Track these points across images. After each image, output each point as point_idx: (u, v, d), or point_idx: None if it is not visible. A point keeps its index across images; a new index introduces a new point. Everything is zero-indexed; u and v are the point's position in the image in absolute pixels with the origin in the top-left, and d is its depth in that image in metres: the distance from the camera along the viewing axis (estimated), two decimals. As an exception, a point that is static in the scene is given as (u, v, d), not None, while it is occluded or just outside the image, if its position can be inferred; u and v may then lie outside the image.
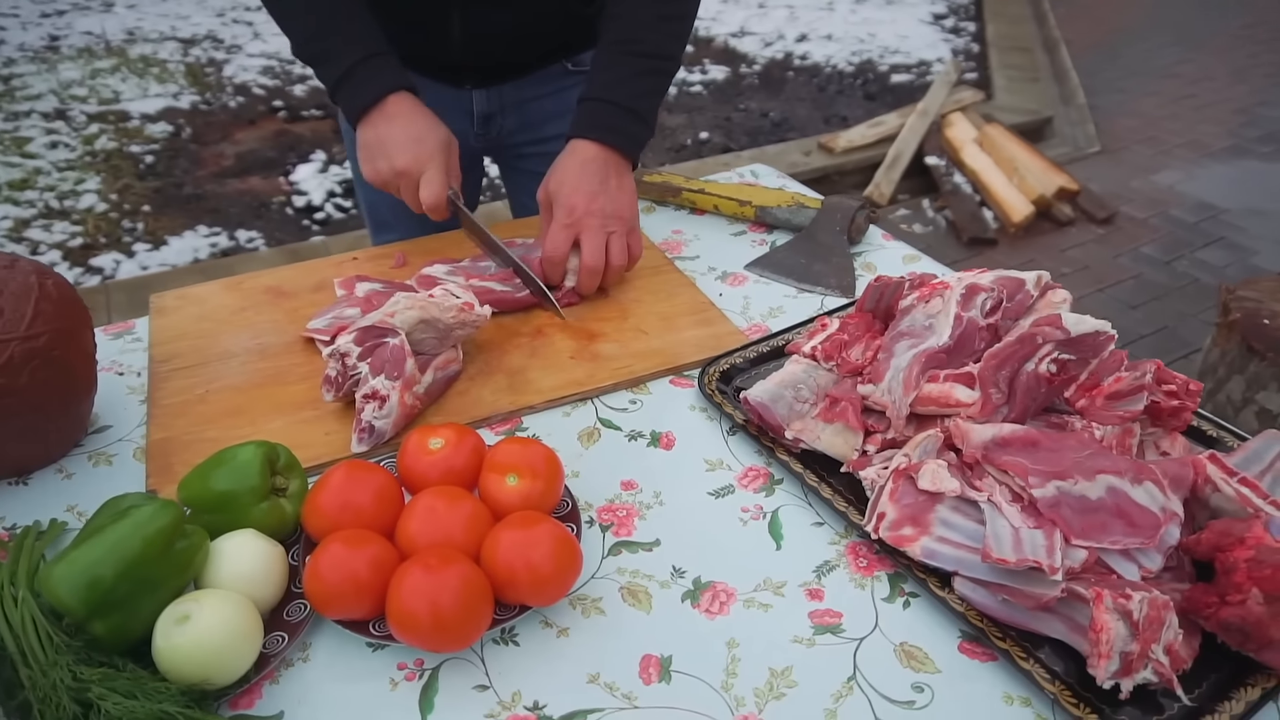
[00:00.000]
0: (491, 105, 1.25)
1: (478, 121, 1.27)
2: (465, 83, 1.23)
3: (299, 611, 0.67)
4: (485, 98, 1.24)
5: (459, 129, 1.24)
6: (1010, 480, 0.72)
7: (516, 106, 1.26)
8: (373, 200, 1.36)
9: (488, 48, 1.17)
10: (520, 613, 0.67)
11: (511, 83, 1.24)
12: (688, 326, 1.01)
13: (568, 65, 1.27)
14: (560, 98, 1.27)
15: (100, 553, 0.59)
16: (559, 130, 1.28)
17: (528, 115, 1.28)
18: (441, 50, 1.17)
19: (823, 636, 0.68)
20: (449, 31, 1.14)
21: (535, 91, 1.26)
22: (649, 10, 1.05)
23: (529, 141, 1.31)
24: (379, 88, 1.03)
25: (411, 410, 0.85)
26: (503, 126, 1.28)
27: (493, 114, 1.26)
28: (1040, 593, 0.65)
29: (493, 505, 0.72)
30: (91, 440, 0.86)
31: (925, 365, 0.81)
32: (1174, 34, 5.84)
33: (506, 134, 1.30)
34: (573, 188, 1.01)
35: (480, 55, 1.18)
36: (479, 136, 1.29)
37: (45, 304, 0.77)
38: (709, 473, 0.83)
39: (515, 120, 1.28)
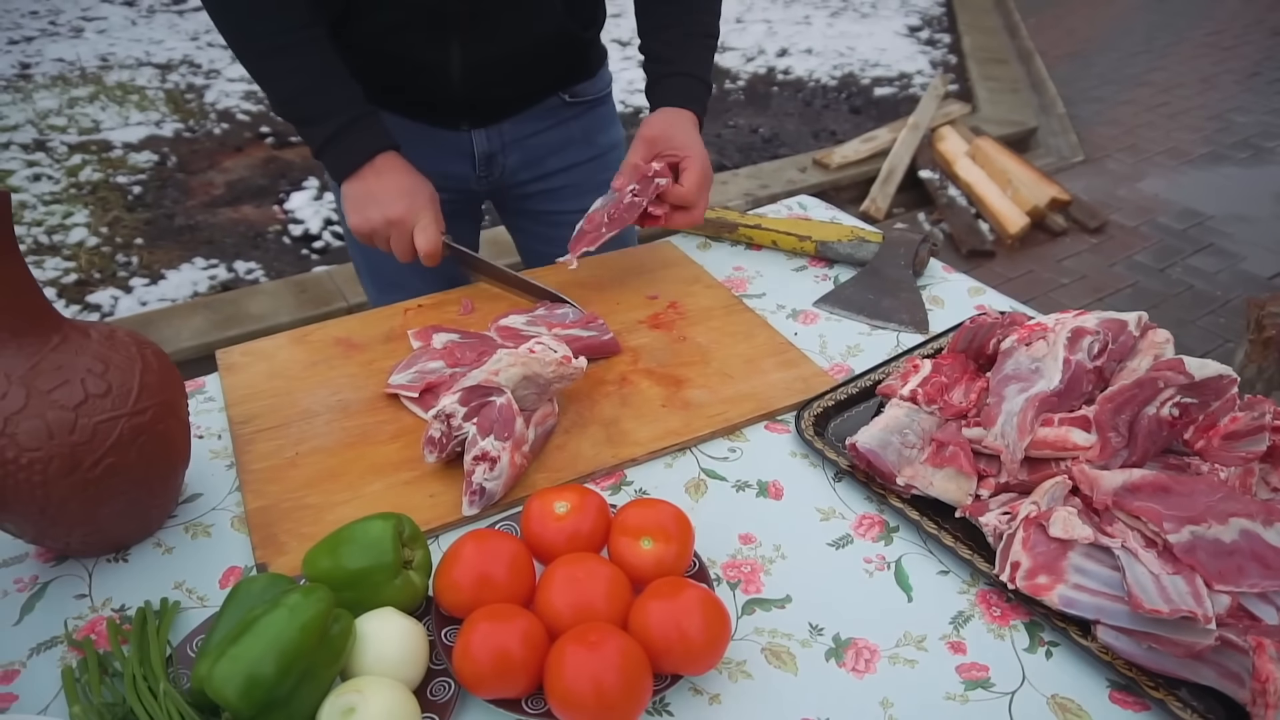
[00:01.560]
0: (492, 145, 1.24)
1: (479, 163, 1.25)
2: (463, 124, 1.22)
3: (443, 691, 0.65)
4: (485, 138, 1.23)
5: (460, 173, 1.26)
6: (1143, 526, 0.72)
7: (517, 144, 1.26)
8: (374, 263, 1.33)
9: (487, 80, 1.16)
10: (672, 682, 0.66)
11: (510, 120, 1.24)
12: (773, 369, 1.01)
13: (564, 97, 1.26)
14: (560, 130, 1.28)
15: (261, 647, 0.57)
16: (561, 164, 1.31)
17: (529, 151, 1.27)
18: (442, 87, 1.16)
19: (974, 692, 0.67)
20: (449, 68, 1.13)
21: (535, 127, 1.26)
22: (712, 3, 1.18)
23: (533, 179, 1.30)
24: (368, 149, 1.05)
25: (520, 469, 0.83)
26: (505, 166, 1.27)
27: (494, 153, 1.25)
28: (1193, 641, 0.66)
29: (627, 570, 0.71)
30: (184, 510, 0.84)
31: (1039, 409, 0.81)
32: (1142, 42, 5.98)
33: (509, 173, 1.29)
34: (700, 145, 1.11)
35: (480, 89, 1.17)
36: (481, 179, 1.28)
37: (149, 376, 0.74)
38: (824, 522, 0.82)
39: (517, 158, 1.27)
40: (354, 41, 1.11)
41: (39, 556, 0.78)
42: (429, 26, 1.08)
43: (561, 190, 1.31)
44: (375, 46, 1.12)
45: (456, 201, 1.27)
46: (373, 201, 1.04)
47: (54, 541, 0.75)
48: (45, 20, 5.64)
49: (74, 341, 0.71)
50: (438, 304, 1.13)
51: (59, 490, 0.69)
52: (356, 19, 1.09)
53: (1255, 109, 4.80)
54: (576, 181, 1.30)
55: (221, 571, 0.77)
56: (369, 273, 1.37)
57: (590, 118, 1.30)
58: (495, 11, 1.09)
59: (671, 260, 1.22)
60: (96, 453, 0.69)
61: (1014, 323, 0.91)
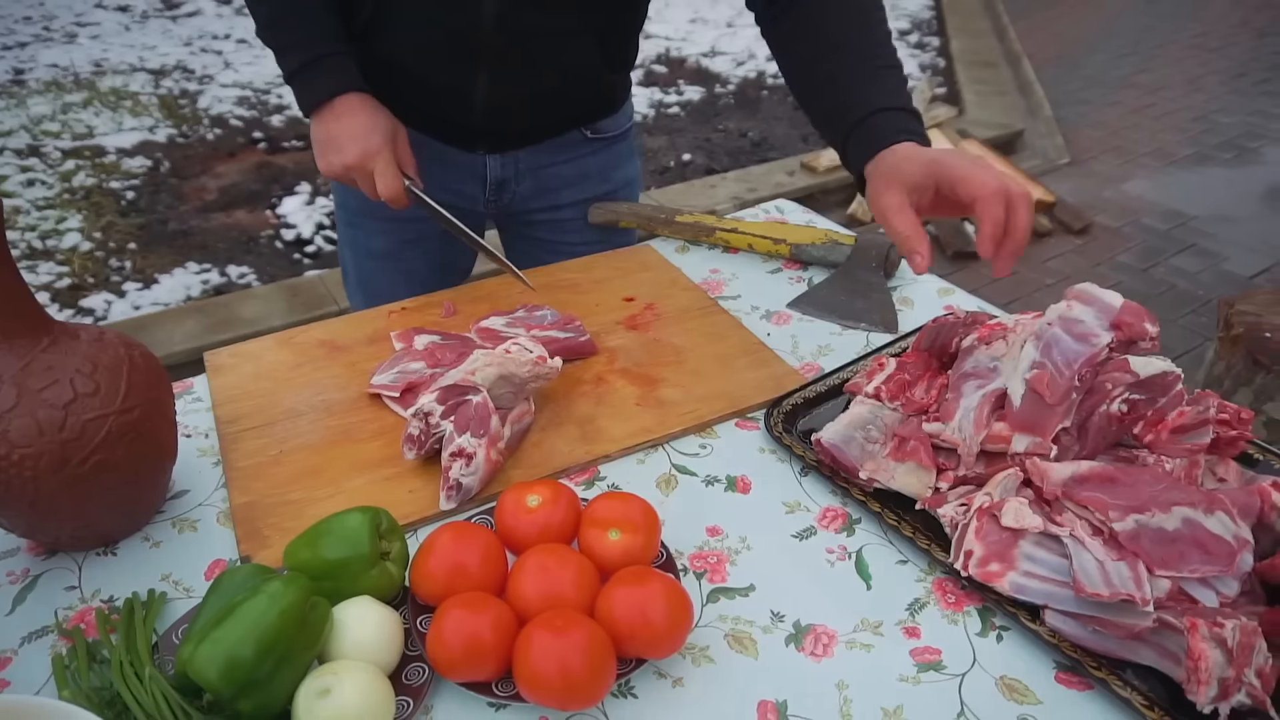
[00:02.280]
0: (506, 171, 1.24)
1: (490, 188, 1.25)
2: (479, 148, 1.21)
3: (417, 675, 0.68)
4: (500, 164, 1.23)
5: (470, 194, 1.25)
6: (1090, 515, 0.76)
7: (531, 173, 1.25)
8: (366, 273, 1.35)
9: (510, 112, 1.17)
10: (636, 666, 0.69)
11: (527, 149, 1.23)
12: (745, 368, 1.04)
13: (585, 133, 1.26)
14: (577, 164, 1.27)
15: (241, 631, 0.60)
16: (573, 197, 1.29)
17: (542, 181, 1.27)
18: (462, 114, 1.15)
19: (927, 674, 0.70)
20: (472, 96, 1.13)
21: (551, 158, 1.25)
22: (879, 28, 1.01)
23: (542, 208, 1.30)
24: (329, 88, 1.05)
25: (496, 466, 0.86)
26: (516, 193, 1.27)
27: (506, 180, 1.25)
28: (1133, 623, 0.69)
29: (596, 560, 0.74)
30: (172, 506, 0.86)
31: (994, 405, 0.84)
32: (1129, 44, 6.04)
33: (519, 200, 1.28)
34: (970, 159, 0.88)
35: (500, 120, 1.17)
36: (490, 203, 1.28)
37: (136, 376, 0.77)
38: (789, 515, 0.85)
39: (530, 187, 1.27)
40: (380, 53, 1.11)
41: (30, 550, 0.81)
42: (458, 53, 1.08)
43: (569, 222, 1.31)
44: (401, 63, 1.11)
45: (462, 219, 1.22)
46: (333, 146, 1.05)
47: (45, 536, 0.77)
48: (39, 26, 5.67)
49: (63, 343, 0.74)
50: (421, 307, 1.16)
51: (49, 486, 0.71)
52: (385, 33, 1.09)
53: (1240, 110, 4.85)
54: (582, 215, 1.30)
55: (207, 564, 0.80)
56: (358, 283, 1.39)
57: (608, 154, 1.30)
58: (529, 48, 1.08)
59: (650, 263, 1.26)
60: (85, 449, 0.72)
61: (975, 322, 0.95)
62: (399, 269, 1.32)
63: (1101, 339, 0.81)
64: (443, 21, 1.05)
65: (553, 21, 1.06)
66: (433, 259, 1.32)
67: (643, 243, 1.33)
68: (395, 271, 1.33)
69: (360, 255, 1.35)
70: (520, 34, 1.06)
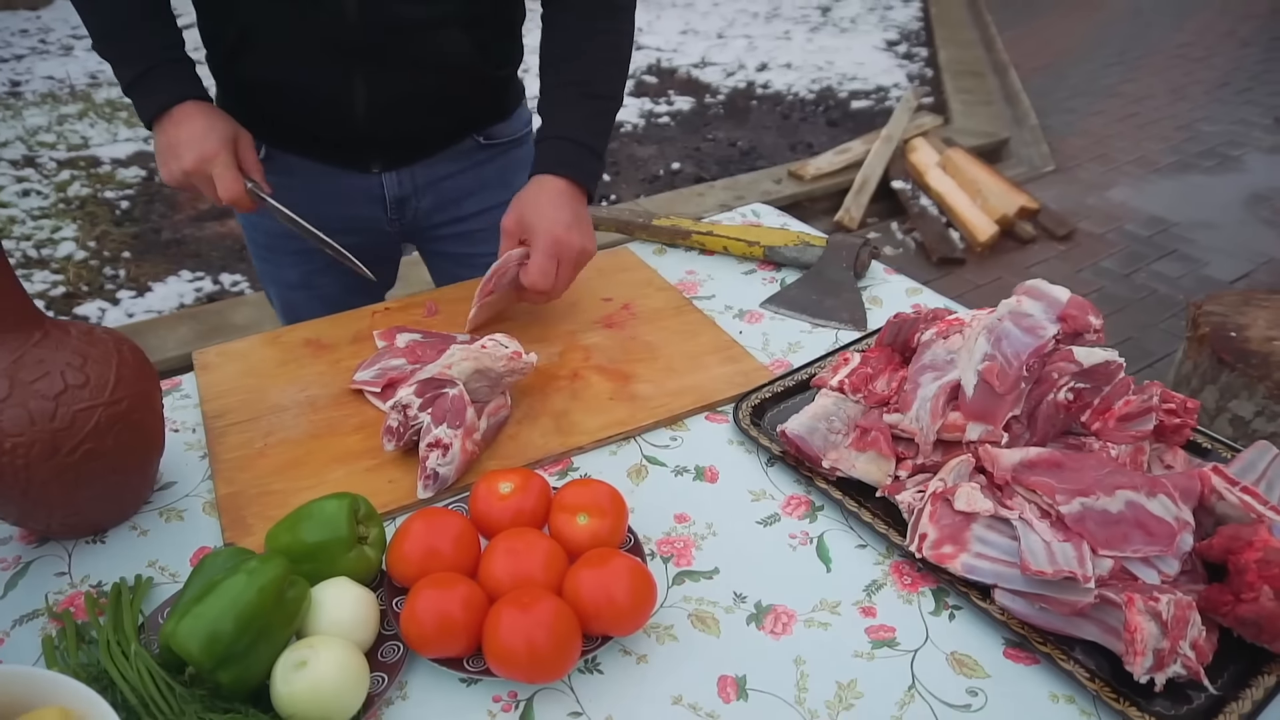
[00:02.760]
0: (404, 188, 1.24)
1: (391, 207, 1.25)
2: (373, 166, 1.21)
3: (393, 653, 0.71)
4: (396, 181, 1.22)
5: (372, 216, 1.25)
6: (1038, 499, 0.79)
7: (430, 186, 1.25)
8: (286, 300, 1.37)
9: (393, 118, 1.15)
10: (602, 643, 0.72)
11: (422, 163, 1.23)
12: (715, 364, 1.07)
13: (479, 139, 1.25)
14: (475, 173, 1.27)
15: (221, 607, 0.63)
16: (476, 206, 1.28)
17: (443, 194, 1.27)
18: (345, 123, 1.14)
19: (880, 650, 0.74)
20: (351, 101, 1.11)
21: (448, 169, 1.25)
22: (599, 55, 1.12)
23: (447, 221, 1.30)
24: (167, 96, 1.04)
25: (471, 456, 0.89)
26: (418, 209, 1.27)
27: (406, 197, 1.25)
28: (1075, 600, 0.72)
29: (565, 543, 0.77)
30: (159, 497, 0.89)
31: (949, 396, 0.88)
32: (1115, 54, 6.11)
33: (423, 216, 1.28)
34: (552, 220, 1.03)
35: (385, 127, 1.16)
36: (393, 221, 1.27)
37: (125, 369, 0.80)
38: (754, 503, 0.89)
39: (430, 200, 1.26)
40: (253, 76, 1.11)
41: (22, 539, 0.84)
42: (327, 56, 1.07)
43: (478, 233, 1.30)
44: (275, 80, 1.11)
45: (371, 243, 1.27)
46: (172, 153, 1.04)
47: (36, 523, 0.80)
48: (35, 39, 5.72)
49: (55, 337, 0.77)
50: (403, 307, 1.19)
51: (40, 474, 0.74)
52: (253, 51, 1.08)
53: (1223, 119, 4.91)
54: (492, 225, 1.25)
55: (192, 551, 0.83)
56: (279, 305, 1.41)
57: (506, 160, 1.29)
58: (398, 41, 1.07)
59: (627, 265, 1.29)
60: (75, 439, 0.75)
61: (935, 317, 0.98)
62: (313, 295, 1.34)
63: (1048, 331, 0.85)
64: (309, 31, 1.04)
65: (416, 10, 1.05)
66: (346, 282, 1.30)
67: (621, 245, 1.36)
68: (311, 299, 1.35)
69: (278, 285, 1.37)
70: (386, 26, 1.05)
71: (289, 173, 1.18)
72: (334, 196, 1.21)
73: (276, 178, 1.13)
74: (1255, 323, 1.62)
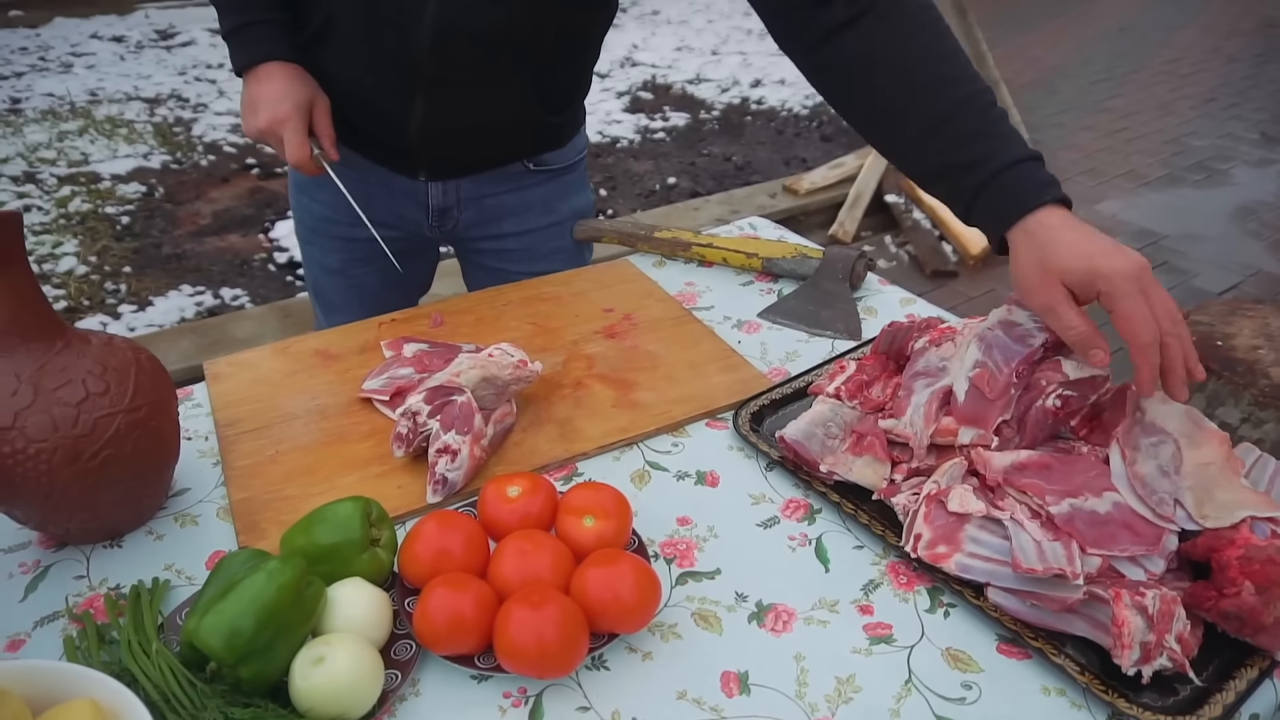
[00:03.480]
0: (448, 199, 1.26)
1: (433, 214, 1.28)
2: (420, 174, 1.23)
3: (405, 651, 0.74)
4: (441, 191, 1.25)
5: (414, 219, 1.28)
6: (1029, 500, 0.82)
7: (474, 201, 1.27)
8: (321, 285, 1.41)
9: (445, 142, 1.18)
10: (609, 640, 0.74)
11: (469, 178, 1.25)
12: (715, 373, 1.10)
13: (528, 165, 1.27)
14: (519, 195, 1.29)
15: (242, 604, 0.65)
16: (517, 227, 1.30)
17: (485, 211, 1.29)
18: (398, 135, 1.17)
19: (878, 646, 0.76)
20: (408, 120, 1.14)
21: (493, 188, 1.27)
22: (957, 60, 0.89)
23: (486, 237, 1.32)
24: (256, 53, 1.10)
25: (479, 462, 0.92)
26: (459, 220, 1.29)
27: (449, 207, 1.27)
28: (1064, 596, 0.75)
29: (572, 545, 0.79)
30: (174, 503, 0.92)
31: (941, 401, 0.91)
32: (1103, 71, 6.20)
33: (464, 228, 1.31)
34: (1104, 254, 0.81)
35: (435, 147, 1.19)
36: (434, 228, 1.30)
37: (143, 377, 0.83)
38: (754, 506, 0.91)
39: (472, 215, 1.29)
40: (324, 68, 1.15)
41: (41, 543, 0.86)
42: (395, 76, 1.10)
43: (515, 252, 1.33)
44: (342, 80, 1.14)
45: (410, 242, 1.31)
46: (250, 109, 1.10)
47: (55, 528, 0.83)
48: (35, 56, 5.75)
49: (76, 346, 0.80)
50: (409, 318, 1.22)
51: (62, 479, 0.77)
52: (330, 48, 1.12)
53: (1210, 133, 4.99)
54: (531, 246, 1.32)
55: (207, 555, 0.85)
56: (315, 296, 1.45)
57: (554, 185, 1.31)
58: (464, 80, 1.10)
59: (627, 277, 1.32)
60: (96, 445, 0.77)
61: (928, 326, 1.01)
62: (350, 284, 1.38)
63: (1037, 339, 0.88)
64: (383, 43, 1.07)
65: (488, 59, 1.09)
66: (385, 276, 1.35)
67: (622, 258, 1.39)
68: (347, 286, 1.39)
69: (316, 269, 1.41)
70: (455, 66, 1.08)
71: (343, 161, 1.21)
72: (381, 193, 1.24)
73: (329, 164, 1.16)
74: (1241, 332, 1.66)
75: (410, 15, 1.03)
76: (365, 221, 1.16)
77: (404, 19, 1.04)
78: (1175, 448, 0.83)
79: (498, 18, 1.04)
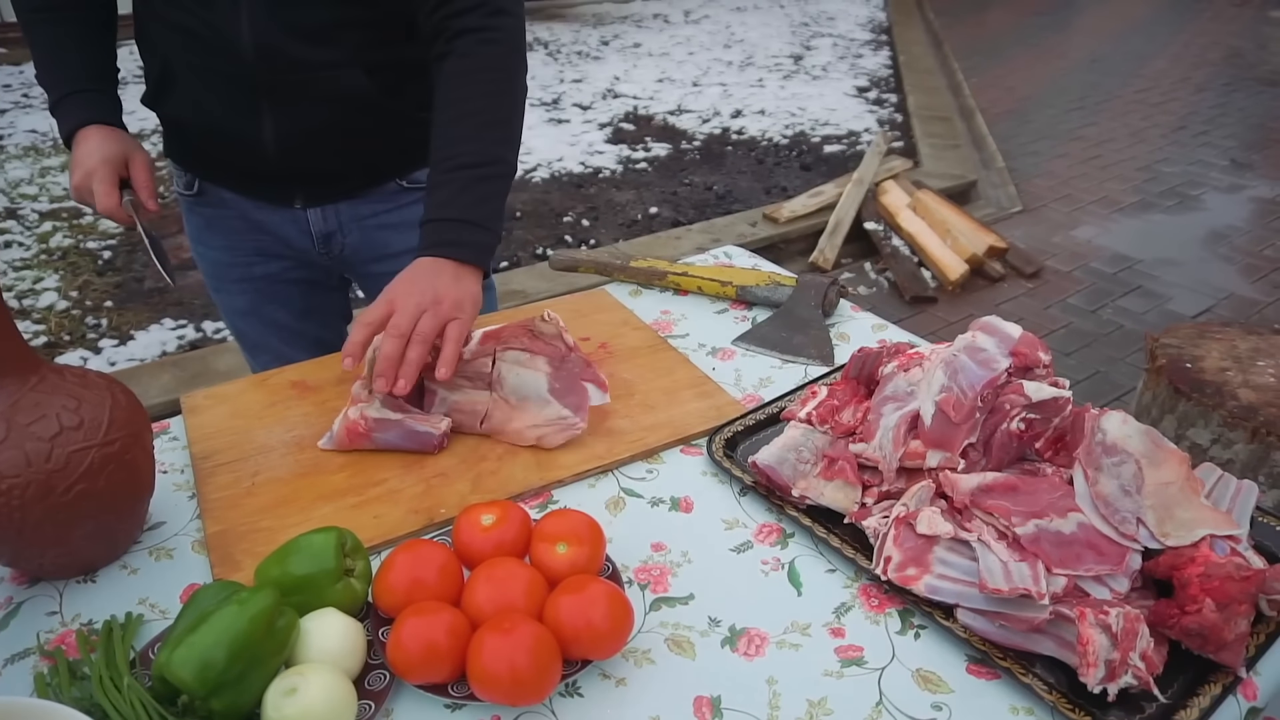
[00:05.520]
0: (329, 224, 1.28)
1: (318, 241, 1.29)
2: (295, 201, 1.25)
3: (379, 681, 0.74)
4: (321, 217, 1.27)
5: (302, 247, 1.30)
6: (995, 521, 0.83)
7: (355, 224, 1.29)
8: (239, 328, 1.44)
9: (304, 154, 1.19)
10: (582, 667, 0.75)
11: (346, 201, 1.27)
12: (690, 399, 1.11)
13: (401, 183, 1.28)
14: (400, 213, 1.30)
15: (213, 636, 0.65)
16: (405, 245, 1.27)
17: (369, 233, 1.30)
18: (259, 158, 1.18)
19: (849, 669, 0.77)
20: (261, 136, 1.16)
21: (372, 209, 1.28)
22: (466, 123, 1.07)
23: (375, 259, 1.33)
24: (74, 121, 1.16)
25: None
26: (345, 245, 1.31)
27: (331, 233, 1.29)
28: (1031, 616, 0.76)
29: (545, 571, 0.80)
30: (149, 536, 0.92)
31: (910, 425, 0.92)
32: (1076, 100, 6.33)
33: (351, 252, 1.32)
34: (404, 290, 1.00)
35: (298, 162, 1.19)
36: (323, 255, 1.32)
37: (118, 411, 0.83)
38: (728, 531, 0.92)
39: (357, 238, 1.30)
40: (175, 115, 1.20)
41: (13, 580, 0.85)
42: (236, 96, 1.13)
43: None
44: (192, 112, 1.18)
45: (309, 270, 1.34)
46: (71, 171, 1.16)
47: (28, 563, 0.82)
48: (18, 93, 5.77)
49: (50, 380, 0.80)
50: (388, 349, 1.23)
51: (34, 514, 0.77)
52: (173, 82, 1.17)
53: (1181, 160, 5.09)
54: None
55: (182, 588, 0.85)
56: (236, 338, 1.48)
57: None
58: (296, 82, 1.12)
59: (604, 305, 1.34)
60: (69, 479, 0.78)
61: (898, 351, 1.03)
62: (263, 323, 1.41)
63: (1001, 364, 0.90)
64: (215, 68, 1.11)
65: (312, 53, 1.10)
66: (294, 309, 1.39)
67: (599, 287, 1.41)
68: (262, 325, 1.42)
69: (229, 313, 1.44)
70: (284, 67, 1.10)
71: (222, 205, 1.25)
72: (266, 227, 1.27)
73: (211, 210, 1.21)
74: (1209, 354, 1.69)
75: (230, 34, 1.08)
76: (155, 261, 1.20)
77: (225, 39, 1.08)
78: (1136, 467, 0.84)
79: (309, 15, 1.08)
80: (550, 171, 4.75)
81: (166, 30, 1.13)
